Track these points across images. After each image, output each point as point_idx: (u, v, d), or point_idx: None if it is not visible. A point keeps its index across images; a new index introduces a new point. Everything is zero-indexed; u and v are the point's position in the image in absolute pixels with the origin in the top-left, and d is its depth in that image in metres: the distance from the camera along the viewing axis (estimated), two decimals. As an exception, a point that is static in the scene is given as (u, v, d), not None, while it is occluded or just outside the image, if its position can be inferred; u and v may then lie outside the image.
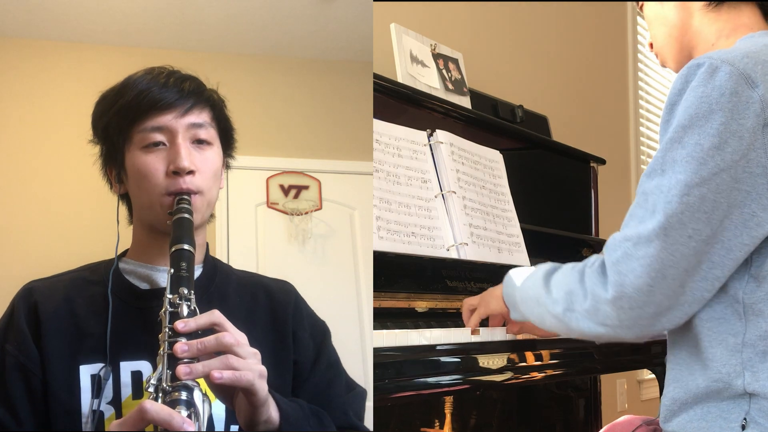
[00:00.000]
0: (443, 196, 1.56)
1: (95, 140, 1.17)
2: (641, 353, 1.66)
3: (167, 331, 0.93)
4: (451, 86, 1.91)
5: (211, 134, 1.14)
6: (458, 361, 1.23)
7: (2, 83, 2.87)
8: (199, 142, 1.12)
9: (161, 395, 0.88)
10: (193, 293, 0.98)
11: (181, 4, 2.76)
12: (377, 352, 1.11)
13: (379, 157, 1.48)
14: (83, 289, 1.11)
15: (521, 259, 1.69)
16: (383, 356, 1.11)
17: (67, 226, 2.77)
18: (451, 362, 1.22)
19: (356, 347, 2.93)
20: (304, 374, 1.15)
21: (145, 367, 1.05)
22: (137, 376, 1.04)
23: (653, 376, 2.02)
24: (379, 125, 1.51)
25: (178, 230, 1.03)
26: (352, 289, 3.08)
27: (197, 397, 0.88)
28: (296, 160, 3.17)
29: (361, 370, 2.67)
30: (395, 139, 1.53)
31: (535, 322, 1.17)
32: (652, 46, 1.27)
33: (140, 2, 2.74)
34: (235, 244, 3.01)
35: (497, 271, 1.58)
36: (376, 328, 1.23)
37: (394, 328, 1.25)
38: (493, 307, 1.30)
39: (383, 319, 1.31)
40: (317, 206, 3.14)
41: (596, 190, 2.25)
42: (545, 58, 2.88)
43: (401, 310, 1.37)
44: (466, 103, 1.94)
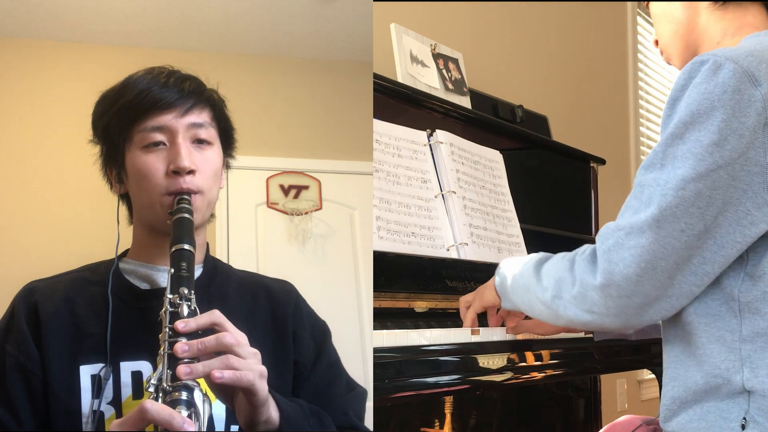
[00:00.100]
0: (443, 196, 1.56)
1: (95, 140, 1.17)
2: (641, 353, 1.65)
3: (167, 331, 0.93)
4: (451, 86, 1.91)
5: (211, 134, 1.14)
6: (458, 361, 1.23)
7: (2, 83, 2.87)
8: (199, 141, 1.12)
9: (161, 395, 0.88)
10: (193, 293, 0.98)
11: (181, 4, 2.77)
12: (377, 352, 1.11)
13: (379, 157, 1.48)
14: (83, 289, 1.11)
15: (521, 259, 1.69)
16: (383, 356, 1.11)
17: (67, 226, 2.77)
18: (450, 362, 1.22)
19: (356, 347, 2.93)
20: (304, 374, 1.15)
21: (145, 367, 1.05)
22: (137, 376, 1.04)
23: (653, 376, 2.02)
24: (379, 125, 1.51)
25: (178, 230, 1.03)
26: (352, 289, 3.08)
27: (197, 397, 0.88)
28: (296, 160, 3.17)
29: (361, 370, 2.67)
30: (395, 139, 1.53)
31: (524, 309, 1.18)
32: (657, 43, 1.28)
33: (140, 2, 2.74)
34: (235, 244, 3.01)
35: (497, 271, 1.58)
36: (376, 328, 1.23)
37: (394, 328, 1.25)
38: (487, 297, 1.31)
39: (383, 319, 1.31)
40: (317, 206, 3.14)
41: (596, 190, 2.25)
42: (545, 58, 2.88)
43: (401, 310, 1.37)
44: (466, 103, 1.94)
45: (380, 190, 1.45)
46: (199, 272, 1.15)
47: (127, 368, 1.04)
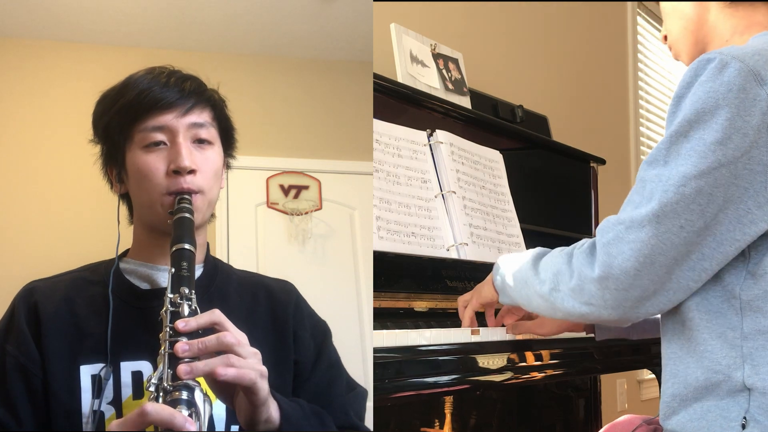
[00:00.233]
0: (443, 196, 1.56)
1: (95, 140, 1.17)
2: (641, 353, 1.65)
3: (168, 330, 0.93)
4: (451, 86, 1.91)
5: (211, 134, 1.14)
6: (458, 361, 1.23)
7: (2, 83, 2.87)
8: (199, 141, 1.12)
9: (162, 395, 0.87)
10: (194, 293, 0.98)
11: (181, 4, 2.77)
12: (377, 352, 1.11)
13: (379, 157, 1.48)
14: (84, 289, 1.11)
15: (521, 259, 1.69)
16: (383, 356, 1.11)
17: (67, 226, 2.77)
18: (450, 362, 1.22)
19: (356, 347, 2.93)
20: (304, 374, 1.15)
21: (145, 367, 1.05)
22: (138, 376, 1.04)
23: (653, 376, 2.02)
24: (379, 125, 1.51)
25: (178, 230, 1.03)
26: (352, 289, 3.08)
27: (198, 396, 0.88)
28: (296, 160, 3.17)
29: (361, 370, 2.67)
30: (395, 139, 1.53)
31: (522, 304, 1.19)
32: (666, 38, 1.28)
33: (140, 2, 2.74)
34: (235, 244, 3.01)
35: (497, 271, 1.58)
36: (376, 328, 1.23)
37: (394, 328, 1.25)
38: (485, 294, 1.31)
39: (383, 319, 1.31)
40: (317, 206, 3.14)
41: (596, 190, 2.25)
42: (545, 58, 2.88)
43: (401, 310, 1.37)
44: (466, 103, 1.94)
45: (380, 190, 1.45)
46: (199, 272, 1.15)
47: (127, 368, 1.04)
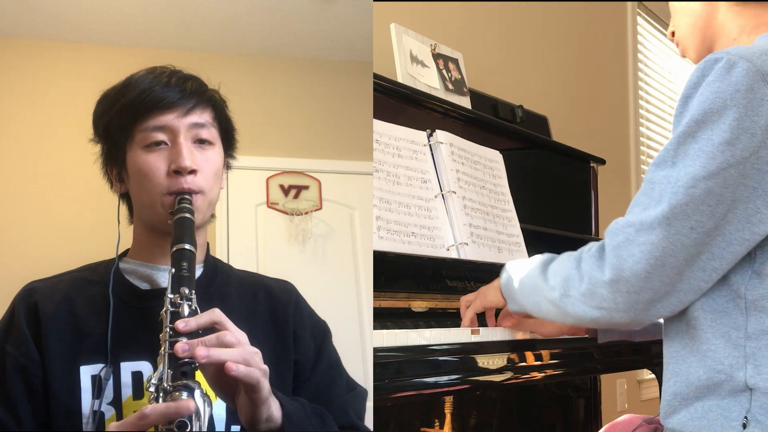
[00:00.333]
0: (443, 196, 1.56)
1: (96, 139, 1.16)
2: (641, 353, 1.65)
3: (168, 330, 0.93)
4: (451, 86, 1.91)
5: (212, 134, 1.14)
6: (458, 361, 1.23)
7: (2, 83, 2.87)
8: (200, 141, 1.12)
9: (162, 395, 0.88)
10: (194, 293, 0.98)
11: (181, 4, 2.77)
12: (377, 352, 1.11)
13: (379, 157, 1.48)
14: (83, 289, 1.11)
15: (521, 259, 1.69)
16: (383, 356, 1.11)
17: (67, 226, 2.77)
18: (450, 362, 1.22)
19: (356, 347, 2.93)
20: (304, 374, 1.15)
21: (145, 367, 1.05)
22: (138, 376, 1.04)
23: (653, 376, 2.02)
24: (379, 125, 1.51)
25: (179, 230, 1.03)
26: (352, 289, 3.08)
27: (198, 397, 0.88)
28: (296, 160, 3.17)
29: (361, 370, 2.68)
30: (395, 139, 1.53)
31: (532, 310, 1.18)
32: (673, 34, 1.28)
33: (140, 2, 2.74)
34: (235, 244, 3.01)
35: (497, 271, 1.57)
36: (376, 328, 1.23)
37: (394, 328, 1.25)
38: (490, 298, 1.31)
39: (383, 319, 1.31)
40: (317, 206, 3.14)
41: (596, 190, 2.25)
42: (545, 58, 2.88)
43: (401, 310, 1.37)
44: (466, 103, 1.94)
45: (380, 190, 1.45)
46: (199, 272, 1.15)
47: (127, 368, 1.04)
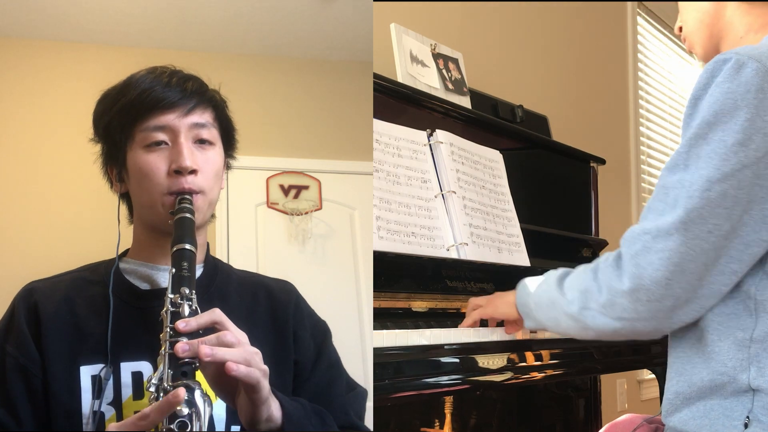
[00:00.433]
0: (443, 196, 1.56)
1: (96, 139, 1.16)
2: (641, 353, 1.65)
3: (168, 330, 0.93)
4: (451, 86, 1.91)
5: (213, 134, 1.14)
6: (458, 361, 1.23)
7: (2, 83, 2.87)
8: (201, 142, 1.12)
9: (162, 395, 0.88)
10: (194, 293, 0.98)
11: (181, 4, 2.77)
12: (377, 352, 1.11)
13: (379, 157, 1.48)
14: (83, 289, 1.11)
15: (521, 259, 1.69)
16: (383, 356, 1.11)
17: (67, 226, 2.77)
18: (451, 362, 1.22)
19: (356, 347, 2.93)
20: (304, 374, 1.15)
21: (145, 367, 1.05)
22: (138, 376, 1.04)
23: (653, 376, 2.02)
24: (379, 125, 1.51)
25: (179, 230, 1.03)
26: (352, 289, 3.08)
27: (198, 396, 0.88)
28: (296, 160, 3.17)
29: (361, 370, 2.68)
30: (395, 139, 1.53)
31: (550, 326, 1.17)
32: (681, 29, 1.28)
33: (140, 2, 2.74)
34: (235, 244, 3.01)
35: (497, 271, 1.58)
36: (376, 328, 1.23)
37: (394, 328, 1.25)
38: (501, 311, 1.30)
39: (383, 319, 1.31)
40: (317, 206, 3.14)
41: (596, 190, 2.25)
42: (545, 58, 2.88)
43: (401, 310, 1.37)
44: (466, 103, 1.94)
45: (380, 190, 1.45)
46: (199, 272, 1.15)
47: (127, 369, 1.04)
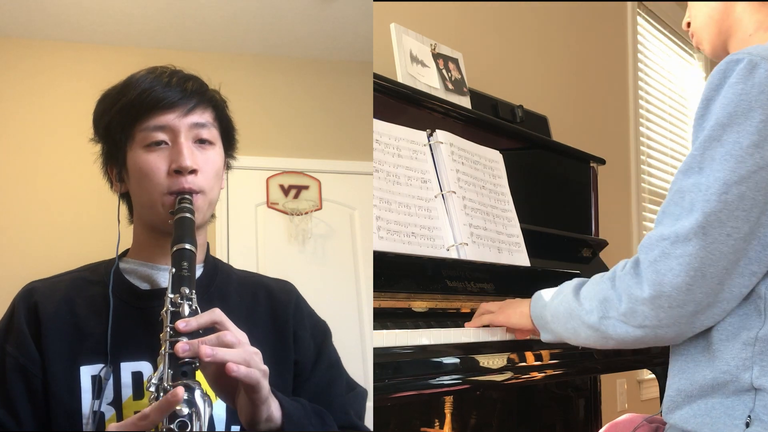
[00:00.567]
0: (443, 196, 1.56)
1: (96, 139, 1.16)
2: (641, 353, 1.65)
3: (168, 330, 0.93)
4: (451, 86, 1.91)
5: (213, 134, 1.14)
6: (458, 361, 1.23)
7: (2, 83, 2.87)
8: (201, 141, 1.12)
9: (162, 395, 0.88)
10: (194, 293, 0.98)
11: (181, 4, 2.77)
12: (377, 352, 1.11)
13: (379, 157, 1.48)
14: (83, 289, 1.11)
15: (521, 259, 1.69)
16: (383, 356, 1.11)
17: (67, 226, 2.77)
18: (451, 362, 1.22)
19: (356, 347, 2.93)
20: (304, 374, 1.15)
21: (145, 367, 1.05)
22: (138, 376, 1.04)
23: (653, 376, 2.02)
24: (379, 125, 1.51)
25: (179, 230, 1.03)
26: (352, 289, 3.08)
27: (198, 396, 0.88)
28: (296, 160, 3.17)
29: (361, 370, 2.68)
30: (395, 139, 1.53)
31: (568, 338, 1.15)
32: (689, 25, 1.27)
33: (140, 2, 2.74)
34: (235, 244, 3.01)
35: (497, 271, 1.58)
36: (376, 328, 1.23)
37: (394, 328, 1.25)
38: (514, 321, 1.29)
39: (383, 319, 1.31)
40: (317, 206, 3.14)
41: (596, 190, 2.24)
42: (545, 58, 2.88)
43: (401, 310, 1.37)
44: (466, 103, 1.94)
45: (380, 190, 1.44)
46: (199, 272, 1.15)
47: (127, 369, 1.05)
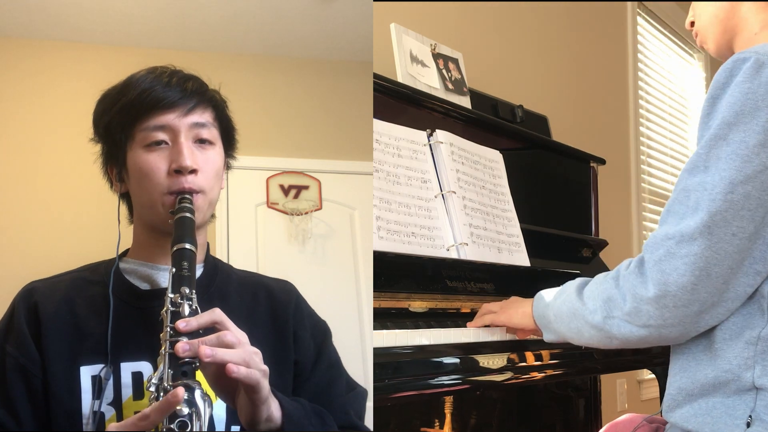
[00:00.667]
0: (443, 196, 1.56)
1: (96, 139, 1.16)
2: (641, 353, 1.65)
3: (169, 330, 0.93)
4: (451, 86, 1.91)
5: (213, 134, 1.14)
6: (458, 361, 1.23)
7: (2, 83, 2.87)
8: (201, 141, 1.12)
9: (162, 395, 0.88)
10: (194, 293, 0.98)
11: (181, 4, 2.77)
12: (377, 352, 1.11)
13: (379, 157, 1.48)
14: (84, 289, 1.11)
15: (521, 259, 1.69)
16: (383, 356, 1.11)
17: (67, 226, 2.77)
18: (451, 362, 1.22)
19: (356, 347, 2.93)
20: (304, 374, 1.15)
21: (145, 367, 1.05)
22: (138, 376, 1.04)
23: (653, 376, 2.02)
24: (379, 125, 1.51)
25: (179, 229, 1.03)
26: (352, 289, 3.08)
27: (198, 396, 0.88)
28: (296, 160, 3.17)
29: (361, 370, 2.67)
30: (395, 139, 1.53)
31: (572, 338, 1.15)
32: (693, 24, 1.27)
33: (140, 2, 2.74)
34: (235, 244, 3.01)
35: (497, 271, 1.58)
36: (376, 328, 1.23)
37: (394, 328, 1.25)
38: (516, 321, 1.29)
39: (383, 319, 1.31)
40: (317, 206, 3.14)
41: (596, 190, 2.24)
42: (545, 58, 2.88)
43: (401, 310, 1.37)
44: (466, 103, 1.94)
45: (380, 190, 1.44)
46: (199, 272, 1.15)
47: (127, 369, 1.05)
